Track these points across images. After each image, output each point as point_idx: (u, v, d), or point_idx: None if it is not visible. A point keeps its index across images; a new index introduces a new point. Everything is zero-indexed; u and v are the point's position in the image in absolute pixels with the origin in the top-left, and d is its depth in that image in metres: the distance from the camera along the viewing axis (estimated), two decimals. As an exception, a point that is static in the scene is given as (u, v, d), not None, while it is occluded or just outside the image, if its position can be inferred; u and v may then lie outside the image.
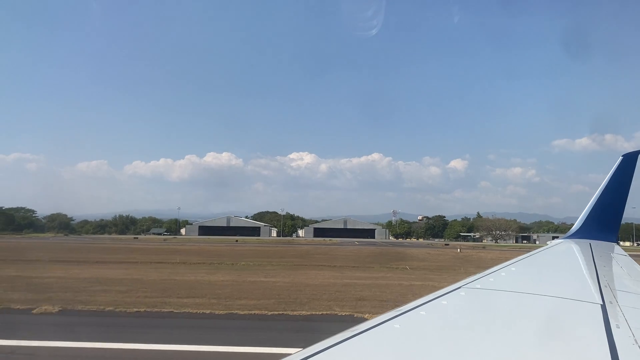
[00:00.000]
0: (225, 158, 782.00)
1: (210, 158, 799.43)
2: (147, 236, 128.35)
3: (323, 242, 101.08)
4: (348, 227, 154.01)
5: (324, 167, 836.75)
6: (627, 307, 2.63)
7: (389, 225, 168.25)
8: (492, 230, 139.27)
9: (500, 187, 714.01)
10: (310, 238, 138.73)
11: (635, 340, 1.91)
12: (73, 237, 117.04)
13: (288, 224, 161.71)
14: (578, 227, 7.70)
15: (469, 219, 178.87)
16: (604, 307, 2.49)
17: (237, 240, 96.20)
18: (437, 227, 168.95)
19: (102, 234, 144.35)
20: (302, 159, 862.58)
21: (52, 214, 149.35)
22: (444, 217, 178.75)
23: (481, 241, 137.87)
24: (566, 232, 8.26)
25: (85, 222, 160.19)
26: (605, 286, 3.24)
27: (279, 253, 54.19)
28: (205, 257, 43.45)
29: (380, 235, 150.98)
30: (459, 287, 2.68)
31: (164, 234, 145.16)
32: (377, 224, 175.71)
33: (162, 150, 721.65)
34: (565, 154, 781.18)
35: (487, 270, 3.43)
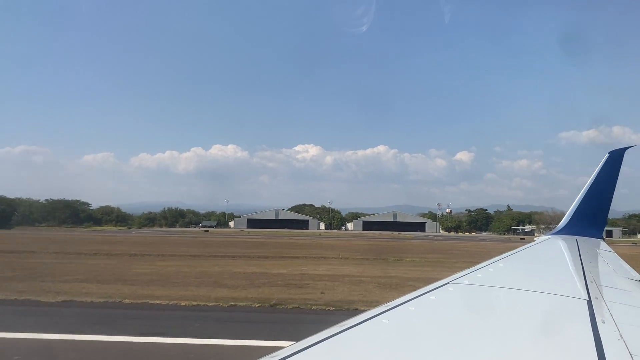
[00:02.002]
0: (230, 150, 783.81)
1: (216, 150, 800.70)
2: (215, 229, 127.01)
3: (393, 236, 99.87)
4: (398, 220, 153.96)
5: (329, 159, 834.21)
6: (612, 302, 2.67)
7: (432, 218, 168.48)
8: (550, 224, 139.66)
9: (506, 179, 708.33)
10: (359, 231, 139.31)
11: (621, 335, 1.93)
12: (136, 229, 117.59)
13: (337, 217, 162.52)
14: (565, 224, 7.74)
15: (501, 211, 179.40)
16: (589, 302, 2.51)
17: (320, 235, 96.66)
18: (479, 220, 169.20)
19: (152, 226, 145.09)
20: (308, 151, 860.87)
21: (103, 207, 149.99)
22: (486, 210, 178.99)
23: (533, 234, 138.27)
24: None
25: (128, 215, 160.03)
26: (591, 282, 3.29)
27: (403, 248, 52.83)
28: (352, 252, 40.19)
29: (430, 229, 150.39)
30: (448, 283, 2.70)
31: (214, 227, 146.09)
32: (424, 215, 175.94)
33: (167, 142, 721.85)
34: (572, 146, 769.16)
35: (475, 265, 3.48)
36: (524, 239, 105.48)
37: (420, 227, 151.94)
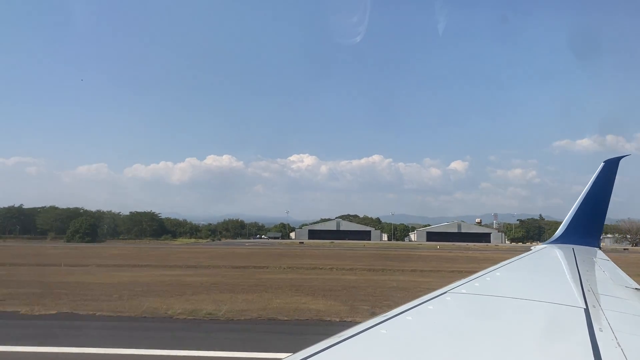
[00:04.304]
0: (225, 161, 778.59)
1: (211, 160, 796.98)
2: (311, 241, 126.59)
3: (485, 247, 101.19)
4: (462, 230, 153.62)
5: (324, 169, 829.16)
6: (609, 310, 2.67)
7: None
8: (626, 235, 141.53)
9: (501, 188, 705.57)
10: (423, 242, 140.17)
11: (618, 343, 1.94)
12: (215, 241, 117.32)
13: (400, 228, 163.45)
14: (561, 233, 7.77)
15: (535, 219, 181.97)
16: (587, 311, 2.52)
17: (438, 247, 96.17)
18: (531, 230, 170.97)
19: (213, 238, 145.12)
20: (303, 161, 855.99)
21: (168, 219, 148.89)
22: (537, 219, 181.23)
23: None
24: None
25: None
26: (589, 290, 3.28)
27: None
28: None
29: (495, 240, 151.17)
30: (445, 292, 2.71)
31: (279, 238, 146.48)
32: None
33: (162, 153, 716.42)
34: (566, 155, 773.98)
35: (472, 275, 3.51)
36: (626, 249, 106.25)
37: (485, 237, 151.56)
